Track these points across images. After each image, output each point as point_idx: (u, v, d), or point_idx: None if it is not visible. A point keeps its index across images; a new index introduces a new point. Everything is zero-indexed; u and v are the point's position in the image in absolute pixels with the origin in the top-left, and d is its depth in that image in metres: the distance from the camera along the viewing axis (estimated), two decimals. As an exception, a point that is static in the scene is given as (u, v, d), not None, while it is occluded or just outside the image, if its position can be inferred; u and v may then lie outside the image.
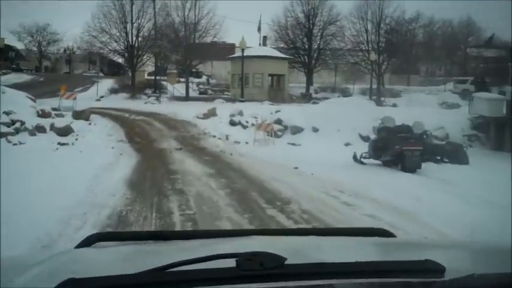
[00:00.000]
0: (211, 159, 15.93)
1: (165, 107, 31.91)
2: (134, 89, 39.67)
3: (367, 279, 1.14)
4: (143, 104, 33.21)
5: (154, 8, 40.45)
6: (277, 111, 23.86)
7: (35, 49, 63.05)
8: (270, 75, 40.51)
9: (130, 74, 43.36)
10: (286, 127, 22.35)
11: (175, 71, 51.20)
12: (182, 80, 45.88)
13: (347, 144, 21.18)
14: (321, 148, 19.42)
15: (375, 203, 9.04)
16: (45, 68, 64.58)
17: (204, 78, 56.44)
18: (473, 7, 76.70)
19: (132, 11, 40.58)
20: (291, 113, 23.86)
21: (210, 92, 46.35)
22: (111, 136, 20.29)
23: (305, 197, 9.59)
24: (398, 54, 48.27)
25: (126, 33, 40.61)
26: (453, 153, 15.90)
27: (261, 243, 1.53)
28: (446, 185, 11.29)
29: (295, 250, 1.55)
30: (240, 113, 23.70)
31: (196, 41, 40.07)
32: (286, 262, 1.13)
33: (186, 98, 39.19)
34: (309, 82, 47.57)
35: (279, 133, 21.79)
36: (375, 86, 45.94)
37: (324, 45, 47.35)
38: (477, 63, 59.68)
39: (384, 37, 46.73)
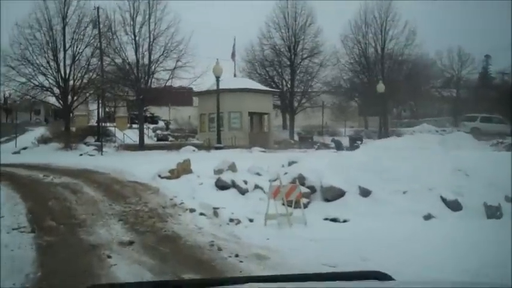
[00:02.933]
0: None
1: (109, 160, 22.04)
2: (69, 137, 29.56)
3: None
4: (77, 157, 23.20)
5: (99, 28, 30.50)
6: (291, 163, 14.58)
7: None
8: (250, 113, 31.13)
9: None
10: (313, 189, 13.15)
11: (125, 115, 41.75)
12: (135, 126, 36.38)
13: (428, 218, 12.13)
14: (391, 228, 10.50)
15: None
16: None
17: (161, 124, 47.46)
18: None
19: (64, 33, 30.67)
20: (313, 165, 14.62)
21: (171, 138, 36.87)
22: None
23: None
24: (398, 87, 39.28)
25: (57, 62, 30.60)
26: None
27: None
28: None
29: None
30: (232, 168, 14.30)
31: (154, 71, 30.24)
32: None
33: (141, 146, 29.50)
34: (292, 123, 38.87)
35: (304, 200, 12.57)
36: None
37: (310, 78, 38.76)
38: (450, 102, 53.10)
39: (388, 65, 38.10)
